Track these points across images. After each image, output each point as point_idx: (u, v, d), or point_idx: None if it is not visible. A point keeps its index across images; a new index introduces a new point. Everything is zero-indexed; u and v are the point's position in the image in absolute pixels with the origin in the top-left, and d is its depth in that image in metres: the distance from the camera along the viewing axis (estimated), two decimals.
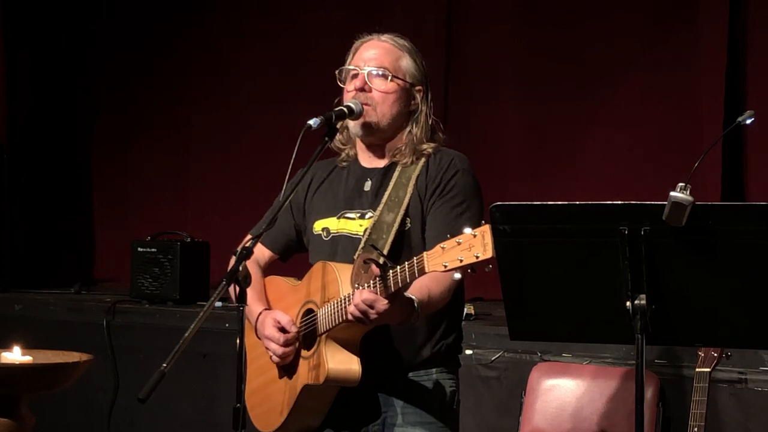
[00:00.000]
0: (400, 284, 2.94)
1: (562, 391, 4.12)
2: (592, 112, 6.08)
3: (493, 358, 4.72)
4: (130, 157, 7.49)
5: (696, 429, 3.61)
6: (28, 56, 7.36)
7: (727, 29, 5.60)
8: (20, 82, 7.28)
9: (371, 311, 2.97)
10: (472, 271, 2.81)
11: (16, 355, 4.02)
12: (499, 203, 2.65)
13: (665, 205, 2.50)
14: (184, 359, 2.81)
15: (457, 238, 2.81)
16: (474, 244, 2.77)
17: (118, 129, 7.53)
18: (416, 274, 2.90)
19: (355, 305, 2.98)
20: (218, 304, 5.25)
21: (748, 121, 3.14)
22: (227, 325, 5.31)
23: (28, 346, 4.15)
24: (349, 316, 3.02)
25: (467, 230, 2.80)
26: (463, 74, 6.32)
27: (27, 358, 4.03)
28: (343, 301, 3.08)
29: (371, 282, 2.97)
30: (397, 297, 2.97)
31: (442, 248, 2.84)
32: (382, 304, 2.96)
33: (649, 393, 3.87)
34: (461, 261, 2.80)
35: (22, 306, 6.30)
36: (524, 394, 4.18)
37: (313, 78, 6.58)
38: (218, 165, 7.18)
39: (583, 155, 6.08)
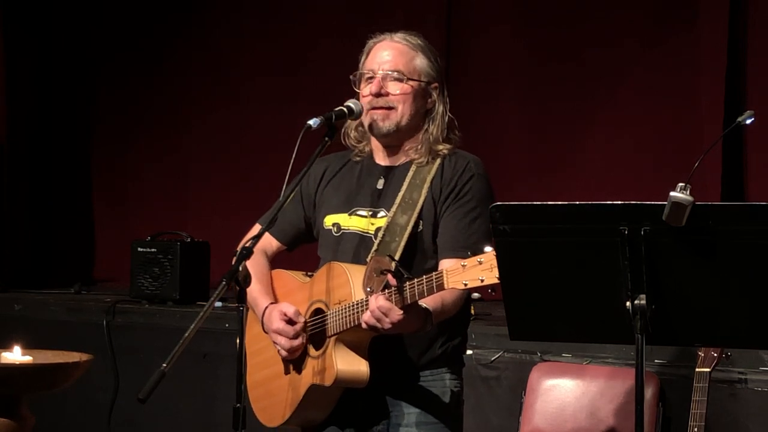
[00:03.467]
0: (416, 297, 2.94)
1: (562, 391, 4.13)
2: (592, 112, 6.08)
3: (493, 358, 4.72)
4: (130, 157, 7.48)
5: (696, 429, 3.61)
6: (28, 56, 7.36)
7: (727, 29, 5.60)
8: (20, 82, 7.28)
9: (386, 319, 2.97)
10: (491, 291, 2.82)
11: (16, 355, 4.02)
12: (499, 203, 2.65)
13: (665, 205, 2.50)
14: (184, 359, 2.81)
15: (478, 257, 2.82)
16: (496, 265, 2.77)
17: (118, 129, 7.52)
18: (434, 289, 2.91)
19: (370, 311, 2.98)
20: (218, 304, 5.26)
21: (748, 121, 3.14)
22: (227, 325, 5.31)
23: (28, 346, 4.15)
24: (363, 324, 3.02)
25: (488, 249, 2.80)
26: (463, 74, 6.32)
27: (27, 358, 4.03)
28: (355, 306, 3.07)
29: (386, 291, 2.97)
30: (411, 308, 2.97)
31: (463, 266, 2.85)
32: (397, 314, 2.96)
33: (649, 393, 3.87)
34: (482, 281, 2.82)
35: (22, 306, 6.30)
36: (524, 394, 4.18)
37: (313, 78, 6.61)
38: (218, 165, 7.18)
39: (583, 155, 6.08)
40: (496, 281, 2.79)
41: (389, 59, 3.27)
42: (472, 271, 2.83)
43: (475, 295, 2.88)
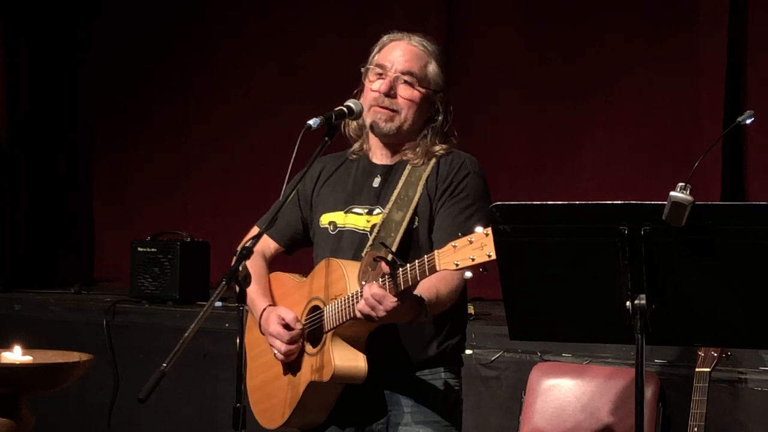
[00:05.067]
0: (410, 282, 2.94)
1: (562, 391, 4.12)
2: (592, 112, 6.08)
3: (493, 358, 4.72)
4: (130, 157, 7.48)
5: (696, 429, 3.61)
6: (28, 56, 7.36)
7: (727, 29, 5.60)
8: (20, 81, 7.28)
9: (380, 307, 2.96)
10: (483, 270, 2.81)
11: (16, 355, 4.04)
12: (499, 203, 2.65)
13: (665, 205, 2.50)
14: (184, 359, 2.81)
15: (469, 237, 2.81)
16: (486, 243, 2.77)
17: (118, 129, 7.52)
18: (427, 272, 2.90)
19: (364, 299, 2.98)
20: (218, 304, 5.26)
21: (748, 121, 3.14)
22: (227, 325, 5.31)
23: (28, 346, 4.16)
24: (358, 314, 3.02)
25: (479, 229, 2.80)
26: (463, 74, 6.32)
27: (27, 358, 4.04)
28: (350, 298, 3.08)
29: (380, 279, 2.97)
30: (406, 295, 2.97)
31: (454, 247, 2.84)
32: (391, 301, 2.96)
33: (649, 393, 3.87)
34: (473, 260, 2.81)
35: (22, 306, 6.30)
36: (524, 394, 4.18)
37: (313, 78, 6.61)
38: (218, 165, 7.18)
39: (583, 155, 6.08)
40: (487, 259, 2.77)
41: (404, 60, 3.28)
42: (463, 251, 2.82)
43: (468, 274, 2.85)
